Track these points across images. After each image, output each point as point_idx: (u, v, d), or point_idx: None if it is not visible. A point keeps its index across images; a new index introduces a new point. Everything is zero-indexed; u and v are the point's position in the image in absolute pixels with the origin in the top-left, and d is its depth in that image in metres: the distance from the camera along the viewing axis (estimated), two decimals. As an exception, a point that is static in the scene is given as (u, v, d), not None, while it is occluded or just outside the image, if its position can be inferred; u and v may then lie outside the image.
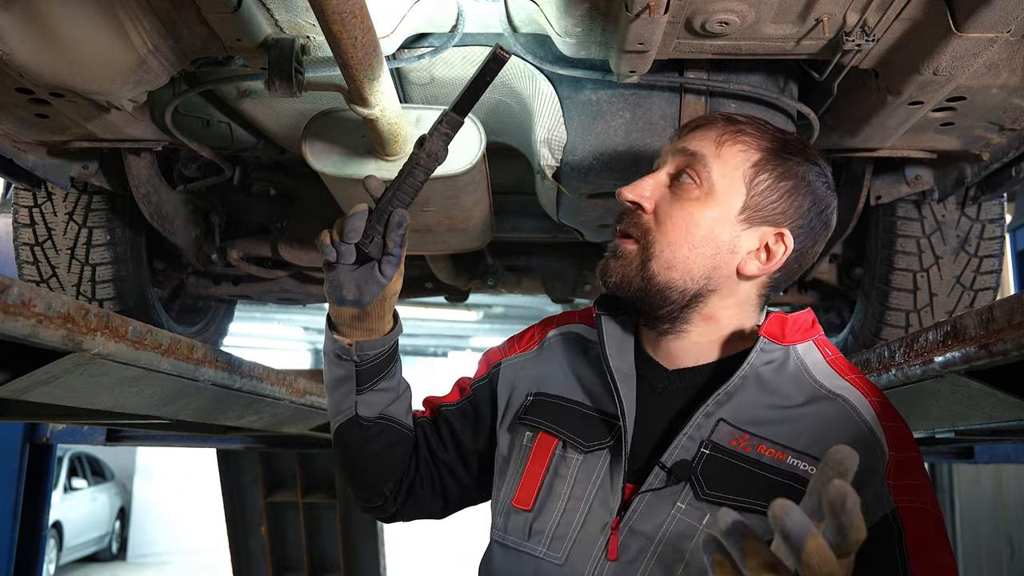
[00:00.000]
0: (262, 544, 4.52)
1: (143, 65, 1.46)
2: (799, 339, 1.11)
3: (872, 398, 1.07)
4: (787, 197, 1.10)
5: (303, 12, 1.39)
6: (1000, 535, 7.10)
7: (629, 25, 1.31)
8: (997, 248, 2.51)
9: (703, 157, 1.10)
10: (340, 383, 1.22)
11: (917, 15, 1.36)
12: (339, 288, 1.14)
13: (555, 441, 1.14)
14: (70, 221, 2.51)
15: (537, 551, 1.08)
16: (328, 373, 1.24)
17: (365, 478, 1.27)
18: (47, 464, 4.21)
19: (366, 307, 1.16)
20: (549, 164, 1.71)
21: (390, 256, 1.13)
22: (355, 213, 1.11)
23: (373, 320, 1.18)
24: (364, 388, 1.22)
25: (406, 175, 1.13)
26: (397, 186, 1.13)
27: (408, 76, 1.69)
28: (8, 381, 1.23)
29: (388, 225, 1.12)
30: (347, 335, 1.20)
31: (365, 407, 1.22)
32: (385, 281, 1.14)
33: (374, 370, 1.21)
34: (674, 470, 1.03)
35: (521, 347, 1.30)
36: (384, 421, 1.24)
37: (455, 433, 1.29)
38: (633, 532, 1.03)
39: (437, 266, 2.83)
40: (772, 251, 1.10)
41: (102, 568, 11.36)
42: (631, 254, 1.10)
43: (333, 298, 1.16)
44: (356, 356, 1.19)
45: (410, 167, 1.13)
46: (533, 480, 1.13)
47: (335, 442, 1.27)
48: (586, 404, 1.15)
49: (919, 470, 1.03)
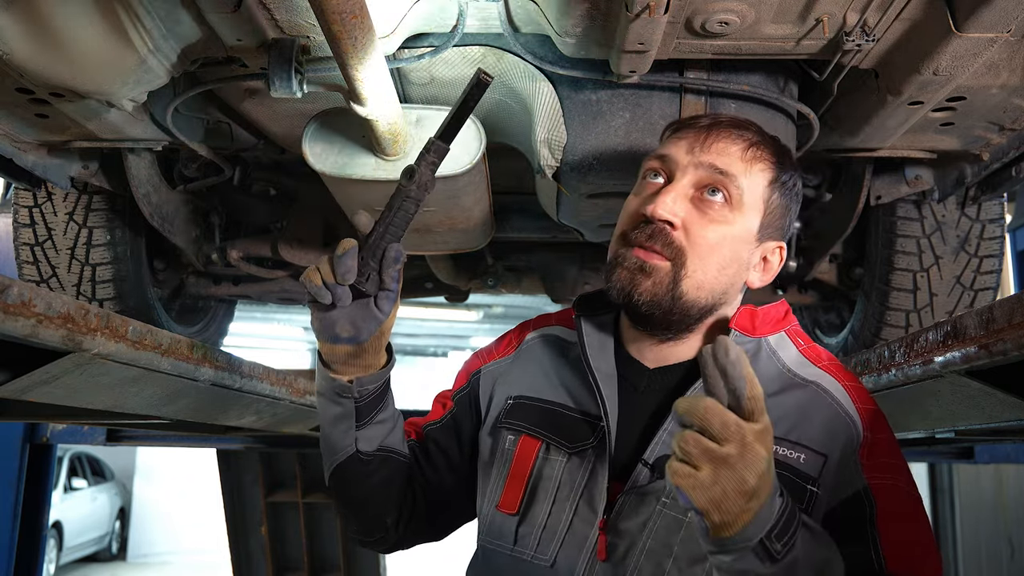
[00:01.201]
0: (262, 544, 4.52)
1: (143, 65, 1.46)
2: (770, 331, 1.14)
3: (845, 382, 1.10)
4: (789, 213, 1.16)
5: (303, 12, 1.39)
6: (1000, 535, 7.10)
7: (629, 25, 1.31)
8: (997, 248, 2.51)
9: (734, 177, 1.09)
10: (338, 421, 1.18)
11: (917, 15, 1.36)
12: (332, 326, 1.10)
13: (538, 443, 1.14)
14: (70, 221, 2.51)
15: (525, 554, 1.09)
16: (325, 412, 1.19)
17: (368, 513, 1.24)
18: (47, 464, 4.21)
19: (363, 344, 1.12)
20: (549, 164, 1.71)
21: (388, 292, 1.10)
22: (345, 252, 1.05)
23: (370, 356, 1.15)
24: (363, 423, 1.18)
25: (397, 208, 1.10)
26: (389, 220, 1.09)
27: (408, 76, 1.69)
28: (8, 381, 1.23)
29: (384, 261, 1.09)
30: (343, 372, 1.15)
31: (365, 442, 1.19)
32: (383, 317, 1.11)
33: (372, 404, 1.18)
34: (656, 466, 1.05)
35: (499, 353, 1.29)
36: (383, 452, 1.21)
37: (444, 450, 1.27)
38: (621, 531, 1.04)
39: (437, 266, 2.83)
40: (770, 262, 1.15)
41: (102, 568, 11.36)
42: (663, 272, 1.07)
43: (325, 336, 1.12)
44: (356, 393, 1.15)
45: (400, 200, 1.10)
46: (517, 484, 1.13)
47: (334, 482, 1.23)
48: (568, 405, 1.16)
49: (893, 450, 1.06)
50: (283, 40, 1.45)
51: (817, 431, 1.05)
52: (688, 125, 1.15)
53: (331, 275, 1.06)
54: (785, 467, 1.01)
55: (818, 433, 1.04)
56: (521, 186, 2.37)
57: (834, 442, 1.04)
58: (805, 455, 1.03)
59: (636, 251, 1.08)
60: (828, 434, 1.04)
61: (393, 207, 1.10)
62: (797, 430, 1.04)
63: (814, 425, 1.05)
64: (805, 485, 1.02)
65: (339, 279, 1.06)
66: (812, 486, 1.02)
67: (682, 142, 1.12)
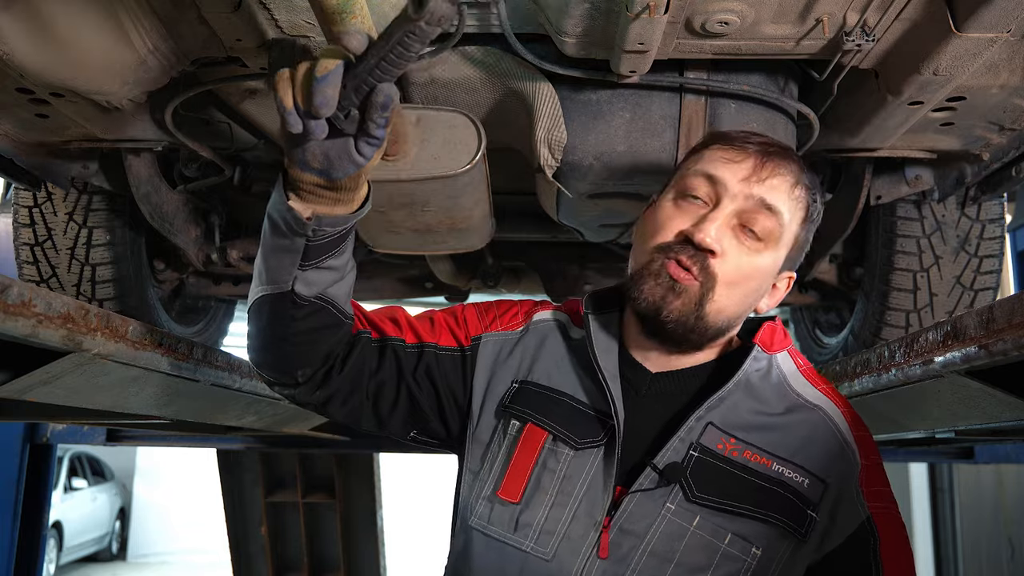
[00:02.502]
0: (262, 544, 4.52)
1: (143, 65, 1.46)
2: (778, 349, 1.17)
3: (843, 408, 1.14)
4: (808, 244, 1.17)
5: (303, 12, 1.39)
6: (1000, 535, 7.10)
7: (629, 25, 1.31)
8: (997, 248, 2.51)
9: (781, 216, 1.09)
10: (280, 252, 1.04)
11: (917, 15, 1.36)
12: (302, 152, 0.94)
13: (544, 434, 1.12)
14: (70, 221, 2.51)
15: (524, 545, 1.08)
16: (268, 238, 1.04)
17: (280, 355, 1.13)
18: (47, 464, 4.21)
19: (335, 180, 0.97)
20: (549, 164, 1.71)
21: (370, 138, 0.94)
22: (325, 75, 0.86)
23: (343, 192, 0.99)
24: (309, 265, 1.04)
25: (397, 39, 0.84)
26: (384, 52, 0.85)
27: (408, 76, 1.69)
28: (8, 381, 1.24)
29: (370, 104, 0.90)
30: (306, 201, 0.99)
31: (304, 284, 1.05)
32: (363, 162, 0.96)
33: (326, 246, 1.03)
34: (665, 472, 1.05)
35: (503, 324, 1.23)
36: (321, 302, 1.08)
37: (401, 368, 1.18)
38: (624, 531, 1.05)
39: (437, 266, 2.83)
40: (778, 288, 1.17)
41: (102, 568, 11.36)
42: (692, 292, 1.06)
43: (294, 159, 0.95)
44: (310, 231, 1.00)
45: (402, 32, 0.83)
46: (521, 472, 1.11)
47: (255, 310, 1.10)
48: (576, 399, 1.15)
49: (883, 474, 1.11)
50: (283, 40, 1.45)
51: (820, 457, 1.07)
52: (738, 147, 1.11)
53: (304, 101, 0.88)
54: (790, 489, 1.05)
55: (821, 459, 1.07)
56: (521, 186, 2.37)
57: (834, 470, 1.07)
58: (809, 480, 1.06)
59: (672, 266, 1.07)
60: (830, 461, 1.07)
61: (392, 37, 0.84)
62: (802, 454, 1.07)
63: (818, 451, 1.08)
64: (806, 510, 1.05)
65: (313, 109, 0.87)
66: (812, 511, 1.05)
67: (734, 167, 1.09)
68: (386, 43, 0.86)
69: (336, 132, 0.92)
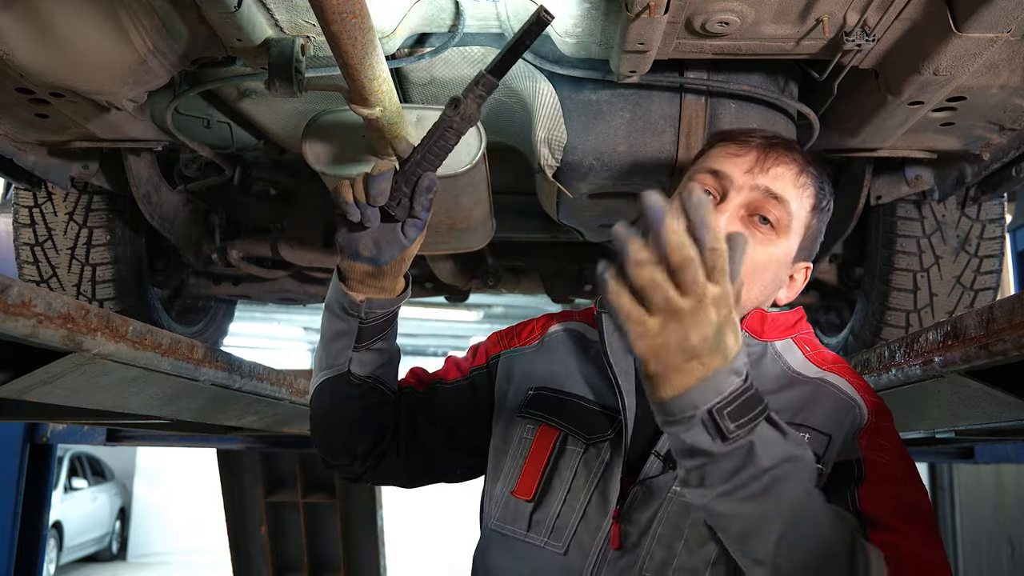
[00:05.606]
0: (262, 544, 4.52)
1: (143, 65, 1.46)
2: (777, 336, 1.16)
3: (852, 379, 1.11)
4: (821, 235, 1.19)
5: (303, 12, 1.39)
6: (1000, 535, 7.10)
7: (629, 25, 1.31)
8: (997, 248, 2.51)
9: (788, 204, 1.11)
10: (339, 337, 1.21)
11: (917, 15, 1.36)
12: (356, 243, 1.13)
13: (556, 433, 1.15)
14: (70, 221, 2.51)
15: (538, 540, 1.10)
16: (328, 326, 1.22)
17: (340, 435, 1.26)
18: (47, 464, 4.21)
19: (382, 266, 1.15)
20: (549, 164, 1.71)
21: (416, 220, 1.13)
22: (381, 174, 1.08)
23: (387, 279, 1.18)
24: (361, 346, 1.20)
25: (438, 137, 1.10)
26: (427, 148, 1.10)
27: (408, 76, 1.69)
28: (8, 381, 1.24)
29: (416, 189, 1.11)
30: (357, 290, 1.18)
31: (358, 364, 1.21)
32: (408, 244, 1.15)
33: (376, 329, 1.20)
34: (668, 457, 1.07)
35: (521, 341, 1.30)
36: (372, 381, 1.23)
37: (446, 410, 1.29)
38: (633, 520, 1.06)
39: (437, 266, 2.83)
40: (795, 280, 1.20)
41: (102, 568, 11.36)
42: None
43: (348, 252, 1.15)
44: (364, 313, 1.18)
45: (442, 129, 1.10)
46: (534, 471, 1.14)
47: (317, 394, 1.25)
48: (587, 398, 1.17)
49: (896, 439, 1.05)
50: (283, 40, 1.45)
51: (822, 415, 1.06)
52: (741, 142, 1.16)
53: (363, 194, 1.09)
54: None
55: (823, 417, 1.06)
56: (521, 186, 2.37)
57: (839, 424, 1.05)
58: (810, 435, 1.04)
59: None
60: (833, 417, 1.05)
61: (434, 135, 1.10)
62: (802, 415, 1.06)
63: (819, 410, 1.06)
64: None
65: (371, 200, 1.08)
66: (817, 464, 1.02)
67: (738, 160, 1.13)
68: (429, 139, 1.11)
69: (387, 219, 1.12)
